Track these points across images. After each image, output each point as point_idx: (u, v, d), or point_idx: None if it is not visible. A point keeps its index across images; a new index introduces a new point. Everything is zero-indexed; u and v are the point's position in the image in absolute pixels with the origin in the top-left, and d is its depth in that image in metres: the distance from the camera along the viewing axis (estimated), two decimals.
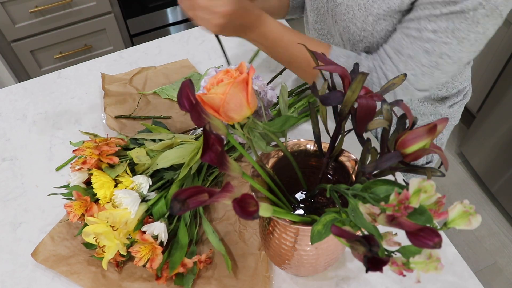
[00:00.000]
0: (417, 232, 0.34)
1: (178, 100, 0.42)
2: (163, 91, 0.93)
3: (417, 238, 0.34)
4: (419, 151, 0.40)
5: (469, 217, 0.35)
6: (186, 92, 0.41)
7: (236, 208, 0.36)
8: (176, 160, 0.69)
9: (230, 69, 0.49)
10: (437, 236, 0.33)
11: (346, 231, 0.37)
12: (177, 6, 1.93)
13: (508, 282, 1.63)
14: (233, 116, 0.47)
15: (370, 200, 0.39)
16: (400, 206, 0.35)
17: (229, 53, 1.04)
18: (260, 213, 0.39)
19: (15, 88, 0.98)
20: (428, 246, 0.33)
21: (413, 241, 0.34)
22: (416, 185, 0.35)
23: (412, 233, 0.34)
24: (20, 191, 0.80)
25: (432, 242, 0.33)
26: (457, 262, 0.70)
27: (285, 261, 0.59)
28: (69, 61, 1.87)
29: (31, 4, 1.60)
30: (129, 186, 0.66)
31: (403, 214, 0.35)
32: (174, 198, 0.35)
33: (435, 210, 0.37)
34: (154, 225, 0.64)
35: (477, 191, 1.88)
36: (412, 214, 0.36)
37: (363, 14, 0.70)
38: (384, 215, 0.35)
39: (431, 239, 0.33)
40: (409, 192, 0.35)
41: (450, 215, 0.36)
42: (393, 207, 0.35)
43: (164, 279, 0.63)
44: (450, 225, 0.36)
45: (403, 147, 0.40)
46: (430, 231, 0.34)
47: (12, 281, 0.69)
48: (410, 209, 0.35)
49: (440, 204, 0.37)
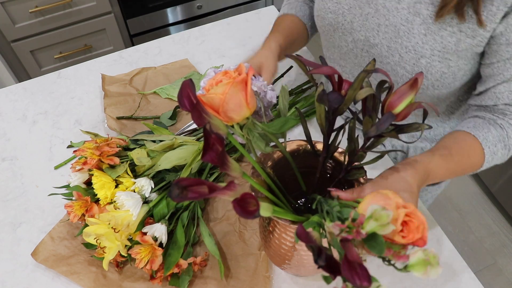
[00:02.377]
0: (354, 264, 0.33)
1: (178, 100, 0.42)
2: (163, 91, 0.94)
3: (351, 269, 0.33)
4: (407, 108, 0.42)
5: (428, 266, 0.35)
6: (186, 91, 0.41)
7: (236, 207, 0.36)
8: (178, 161, 0.69)
9: (229, 70, 0.49)
10: (368, 280, 0.33)
11: (306, 235, 0.37)
12: (177, 6, 1.93)
13: (508, 282, 1.63)
14: (232, 117, 0.47)
15: (335, 219, 0.40)
16: (353, 229, 0.35)
17: (229, 53, 1.04)
18: (260, 212, 0.39)
19: (15, 88, 0.98)
20: (353, 283, 0.33)
21: (345, 269, 0.33)
22: (371, 212, 0.35)
23: (349, 261, 0.34)
24: (20, 191, 0.80)
25: (360, 282, 0.33)
26: (457, 262, 0.70)
27: (285, 261, 0.59)
28: (69, 61, 1.87)
29: (31, 4, 1.60)
30: (130, 188, 0.66)
31: (354, 236, 0.35)
32: (175, 183, 0.35)
33: (396, 252, 0.36)
34: (155, 227, 0.64)
35: (477, 191, 1.88)
36: (368, 240, 0.36)
37: (413, 57, 0.65)
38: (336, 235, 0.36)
39: (361, 279, 0.33)
40: (364, 217, 0.35)
41: (411, 259, 0.36)
42: (345, 227, 0.35)
43: (159, 279, 0.63)
44: (409, 269, 0.35)
45: (392, 108, 0.42)
46: (366, 272, 0.33)
47: (12, 281, 0.69)
48: (362, 235, 0.35)
49: (404, 248, 0.37)
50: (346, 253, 0.34)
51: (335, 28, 0.74)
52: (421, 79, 0.43)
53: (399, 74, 0.68)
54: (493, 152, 0.67)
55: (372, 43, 0.70)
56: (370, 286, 0.33)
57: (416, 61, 0.65)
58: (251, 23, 1.12)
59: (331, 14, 0.74)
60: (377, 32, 0.68)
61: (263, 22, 1.12)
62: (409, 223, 0.37)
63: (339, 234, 0.36)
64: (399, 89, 0.41)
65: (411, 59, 0.66)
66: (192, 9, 1.97)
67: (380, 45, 0.69)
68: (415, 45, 0.65)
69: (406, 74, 0.68)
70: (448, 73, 0.66)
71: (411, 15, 0.64)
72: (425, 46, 0.64)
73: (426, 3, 0.62)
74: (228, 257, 0.69)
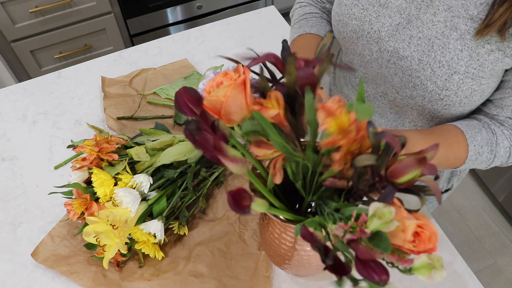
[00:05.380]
0: (368, 262, 0.33)
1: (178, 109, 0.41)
2: (163, 91, 0.94)
3: (366, 268, 0.33)
4: (412, 180, 0.39)
5: (432, 270, 0.35)
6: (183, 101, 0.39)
7: (230, 200, 0.36)
8: (177, 156, 0.69)
9: (229, 71, 0.49)
10: (385, 273, 0.33)
11: (310, 235, 0.37)
12: (177, 6, 1.93)
13: (508, 282, 1.63)
14: (234, 119, 0.47)
15: (337, 220, 0.39)
16: (356, 228, 0.35)
17: (229, 53, 1.04)
18: (253, 207, 0.39)
19: (15, 88, 0.98)
20: (372, 280, 0.33)
21: (360, 269, 0.33)
22: (373, 210, 0.34)
23: (362, 261, 0.33)
24: (20, 191, 0.80)
25: (378, 277, 0.32)
26: (457, 262, 0.70)
27: (285, 261, 0.59)
28: (69, 61, 1.87)
29: (31, 4, 1.60)
30: (129, 184, 0.66)
31: (359, 236, 0.34)
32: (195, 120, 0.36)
33: (400, 257, 0.36)
34: (151, 223, 0.64)
35: (477, 191, 1.88)
36: (372, 239, 0.35)
37: (446, 72, 0.63)
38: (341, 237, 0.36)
39: (379, 274, 0.33)
40: (367, 216, 0.35)
41: (415, 263, 0.36)
42: (348, 228, 0.35)
43: None
44: (413, 272, 0.36)
45: (395, 177, 0.39)
46: (381, 266, 0.33)
47: (12, 281, 0.69)
48: (367, 234, 0.35)
49: (408, 251, 0.37)
50: (356, 253, 0.34)
51: (359, 36, 0.71)
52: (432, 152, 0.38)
53: (429, 89, 0.65)
54: (478, 152, 0.67)
55: (402, 55, 0.67)
56: (389, 279, 0.33)
57: (449, 76, 0.63)
58: (251, 23, 1.12)
59: (356, 20, 0.70)
60: (408, 44, 0.66)
61: (263, 22, 1.12)
62: (421, 234, 0.37)
63: (344, 236, 0.36)
64: (406, 160, 0.38)
65: (444, 75, 0.63)
66: (192, 9, 1.97)
67: (410, 58, 0.66)
68: (449, 61, 0.62)
69: (437, 89, 0.65)
70: (478, 90, 0.64)
71: (447, 29, 0.62)
72: (460, 62, 0.61)
73: (465, 18, 0.60)
74: (228, 257, 0.69)
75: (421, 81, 0.66)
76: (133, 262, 0.69)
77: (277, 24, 1.11)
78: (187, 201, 0.71)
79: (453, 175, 0.87)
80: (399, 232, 0.36)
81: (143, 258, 0.68)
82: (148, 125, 0.87)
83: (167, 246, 0.71)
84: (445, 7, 0.62)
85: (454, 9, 0.61)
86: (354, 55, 0.76)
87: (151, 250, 0.65)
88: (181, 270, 0.68)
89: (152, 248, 0.65)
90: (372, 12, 0.68)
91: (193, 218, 0.74)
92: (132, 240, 0.65)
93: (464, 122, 0.69)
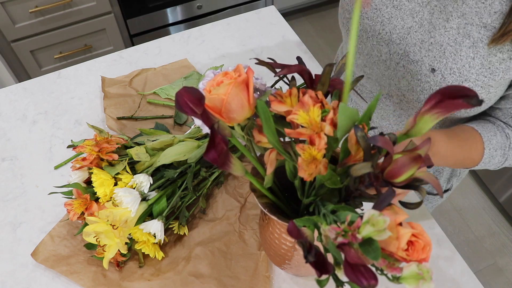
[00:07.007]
0: (357, 266, 0.33)
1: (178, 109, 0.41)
2: (163, 91, 0.94)
3: (355, 271, 0.33)
4: (409, 178, 0.39)
5: (420, 281, 0.35)
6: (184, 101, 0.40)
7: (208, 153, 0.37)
8: (177, 156, 0.69)
9: (229, 71, 0.49)
10: (374, 278, 0.33)
11: (297, 231, 0.37)
12: (177, 6, 1.93)
13: (508, 282, 1.63)
14: (234, 117, 0.47)
15: (331, 222, 0.40)
16: (348, 232, 0.35)
17: (229, 53, 1.04)
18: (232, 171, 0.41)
19: (15, 88, 0.98)
20: (360, 285, 0.32)
21: (349, 272, 0.33)
22: (368, 217, 0.34)
23: (352, 264, 0.33)
24: (20, 191, 0.80)
25: (366, 281, 0.32)
26: (457, 262, 0.70)
27: (285, 261, 0.59)
28: (69, 61, 1.87)
29: (31, 4, 1.60)
30: (129, 184, 0.66)
31: (350, 240, 0.34)
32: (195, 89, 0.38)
33: (390, 263, 0.36)
34: (151, 223, 0.64)
35: (477, 191, 1.88)
36: (363, 245, 0.35)
37: (456, 79, 0.62)
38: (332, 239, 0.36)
39: (367, 279, 0.33)
40: (361, 221, 0.35)
41: (404, 272, 0.36)
42: (340, 231, 0.35)
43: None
44: (401, 281, 0.35)
45: (392, 178, 0.39)
46: (370, 271, 0.33)
47: (12, 281, 0.69)
48: (358, 240, 0.34)
49: (398, 260, 0.37)
50: (346, 257, 0.34)
51: (370, 36, 0.70)
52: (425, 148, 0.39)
53: None
54: (492, 155, 0.66)
55: (412, 59, 0.66)
56: (377, 285, 0.33)
57: (459, 84, 0.62)
58: (251, 23, 1.12)
59: (368, 20, 0.69)
60: (419, 49, 0.65)
61: (263, 22, 1.12)
62: (415, 243, 0.37)
63: (335, 238, 0.36)
64: (402, 159, 0.38)
65: (454, 82, 0.62)
66: (192, 9, 1.97)
67: (421, 63, 0.65)
68: (460, 68, 0.61)
69: None
70: (486, 99, 0.64)
71: (460, 36, 0.61)
72: (471, 70, 0.61)
73: (478, 25, 0.59)
74: (228, 257, 0.69)
75: (430, 86, 0.65)
76: (133, 262, 0.69)
77: (277, 24, 1.11)
78: (187, 201, 0.71)
79: (452, 175, 0.87)
80: (393, 240, 0.36)
81: (143, 258, 0.68)
82: (148, 125, 0.87)
83: (167, 246, 0.71)
84: (459, 14, 0.61)
85: (467, 16, 0.60)
86: (360, 54, 0.75)
87: (151, 250, 0.65)
88: (181, 270, 0.68)
89: (152, 248, 0.65)
90: (385, 13, 0.67)
91: (193, 218, 0.74)
92: (132, 240, 0.66)
93: (480, 124, 0.68)
